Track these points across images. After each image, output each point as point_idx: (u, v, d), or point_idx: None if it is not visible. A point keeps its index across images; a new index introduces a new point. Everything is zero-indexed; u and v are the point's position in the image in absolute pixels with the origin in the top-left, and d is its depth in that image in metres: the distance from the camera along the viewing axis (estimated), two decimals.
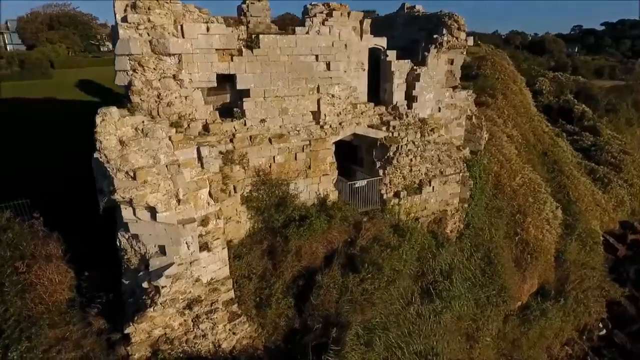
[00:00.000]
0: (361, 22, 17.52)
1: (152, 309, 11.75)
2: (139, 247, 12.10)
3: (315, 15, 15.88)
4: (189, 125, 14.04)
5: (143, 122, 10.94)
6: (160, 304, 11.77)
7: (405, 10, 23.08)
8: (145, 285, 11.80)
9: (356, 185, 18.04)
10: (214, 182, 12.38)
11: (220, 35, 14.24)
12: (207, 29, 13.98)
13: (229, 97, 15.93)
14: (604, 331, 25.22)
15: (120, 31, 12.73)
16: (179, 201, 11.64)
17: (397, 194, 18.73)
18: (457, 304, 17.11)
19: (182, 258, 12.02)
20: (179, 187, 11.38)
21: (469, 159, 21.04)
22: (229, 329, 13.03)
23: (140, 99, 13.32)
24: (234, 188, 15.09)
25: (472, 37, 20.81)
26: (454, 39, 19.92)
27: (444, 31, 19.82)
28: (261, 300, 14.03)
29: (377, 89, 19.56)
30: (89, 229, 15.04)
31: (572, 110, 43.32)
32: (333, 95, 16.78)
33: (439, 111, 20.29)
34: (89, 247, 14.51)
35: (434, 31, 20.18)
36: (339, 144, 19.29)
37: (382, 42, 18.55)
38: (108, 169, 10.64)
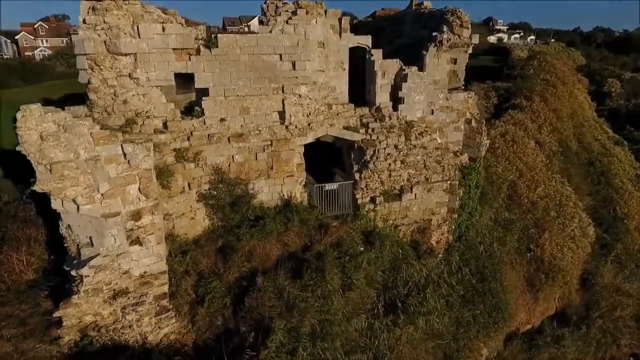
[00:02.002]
0: (340, 21, 16.94)
1: (76, 297, 12.37)
2: (75, 237, 12.78)
3: (280, 14, 15.61)
4: (144, 123, 14.59)
5: (66, 118, 11.47)
6: (84, 292, 12.35)
7: (413, 8, 21.94)
8: (73, 273, 12.44)
9: (326, 189, 17.43)
10: (144, 179, 12.65)
11: (176, 35, 14.50)
12: (163, 29, 14.29)
13: (194, 95, 16.22)
14: None
15: (80, 32, 13.52)
16: (103, 195, 12.11)
17: (373, 200, 17.82)
18: (422, 319, 15.86)
19: (108, 250, 12.49)
20: (98, 182, 11.82)
21: (467, 166, 19.41)
22: (155, 323, 13.31)
23: (97, 97, 14.05)
24: (189, 185, 15.37)
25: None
26: (456, 36, 18.57)
27: (445, 28, 18.55)
28: (196, 297, 14.13)
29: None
30: None
31: None
32: (300, 96, 16.29)
33: (432, 114, 18.97)
34: None
35: (437, 29, 18.96)
36: (324, 146, 18.82)
37: (365, 40, 17.74)
38: (31, 162, 11.36)
